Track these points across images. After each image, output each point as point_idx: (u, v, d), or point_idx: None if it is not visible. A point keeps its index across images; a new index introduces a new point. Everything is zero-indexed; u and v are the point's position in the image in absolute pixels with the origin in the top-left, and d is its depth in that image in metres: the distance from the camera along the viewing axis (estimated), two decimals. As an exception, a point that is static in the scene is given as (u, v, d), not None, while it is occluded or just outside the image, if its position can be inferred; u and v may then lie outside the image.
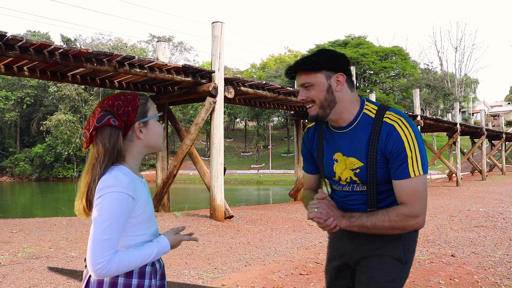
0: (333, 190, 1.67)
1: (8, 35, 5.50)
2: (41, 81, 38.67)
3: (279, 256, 5.11)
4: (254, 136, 53.12)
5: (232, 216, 8.14)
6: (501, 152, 29.84)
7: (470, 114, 53.17)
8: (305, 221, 8.07)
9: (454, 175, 21.30)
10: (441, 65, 55.12)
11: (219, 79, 8.03)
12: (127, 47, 41.29)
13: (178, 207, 12.75)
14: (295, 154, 13.62)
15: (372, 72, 44.56)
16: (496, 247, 5.50)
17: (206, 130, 44.53)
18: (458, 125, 19.96)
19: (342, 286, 1.68)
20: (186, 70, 7.80)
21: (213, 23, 8.10)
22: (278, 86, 9.91)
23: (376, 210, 1.49)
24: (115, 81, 8.18)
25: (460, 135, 20.86)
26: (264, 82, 9.71)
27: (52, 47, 6.01)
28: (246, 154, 54.07)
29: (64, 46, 6.16)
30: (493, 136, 27.89)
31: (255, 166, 47.52)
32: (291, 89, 10.18)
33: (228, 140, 55.07)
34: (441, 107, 48.86)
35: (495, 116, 60.92)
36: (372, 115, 1.49)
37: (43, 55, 6.09)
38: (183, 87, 8.64)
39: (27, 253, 4.91)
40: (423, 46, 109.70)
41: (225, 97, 8.20)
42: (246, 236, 6.58)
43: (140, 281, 1.28)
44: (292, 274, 4.28)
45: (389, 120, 1.46)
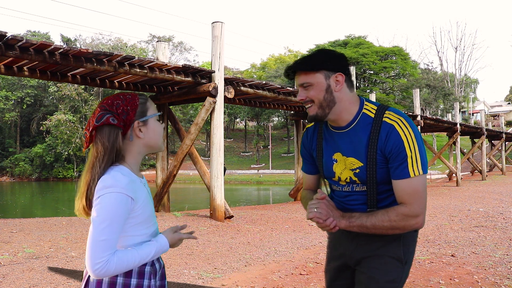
0: (332, 190, 1.67)
1: (8, 35, 5.50)
2: (41, 81, 38.68)
3: (279, 256, 5.11)
4: (254, 136, 53.12)
5: (232, 216, 8.14)
6: (501, 152, 29.84)
7: (470, 114, 53.18)
8: (305, 221, 8.07)
9: (454, 175, 21.30)
10: (441, 65, 55.20)
11: (219, 79, 8.03)
12: (127, 47, 41.31)
13: (178, 207, 12.73)
14: (295, 154, 13.63)
15: (372, 72, 44.57)
16: (496, 247, 5.50)
17: (206, 130, 44.54)
18: (458, 125, 19.96)
19: (342, 286, 1.67)
20: (186, 70, 7.80)
21: (213, 23, 8.10)
22: (278, 86, 9.92)
23: (376, 210, 1.48)
24: (115, 81, 8.18)
25: (460, 135, 20.86)
26: (264, 82, 9.72)
27: (52, 47, 6.01)
28: (246, 154, 54.07)
29: (64, 46, 6.16)
30: (493, 136, 27.90)
31: (255, 166, 47.53)
32: (291, 89, 10.18)
33: (228, 140, 55.07)
34: (441, 107, 48.87)
35: (495, 116, 60.94)
36: (372, 115, 1.49)
37: (43, 55, 6.08)
38: (183, 87, 8.64)
39: (27, 253, 4.91)
40: (423, 46, 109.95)
41: (225, 97, 8.20)
42: (246, 236, 6.58)
43: (139, 281, 1.28)
44: (292, 274, 4.28)
45: (388, 120, 1.45)
